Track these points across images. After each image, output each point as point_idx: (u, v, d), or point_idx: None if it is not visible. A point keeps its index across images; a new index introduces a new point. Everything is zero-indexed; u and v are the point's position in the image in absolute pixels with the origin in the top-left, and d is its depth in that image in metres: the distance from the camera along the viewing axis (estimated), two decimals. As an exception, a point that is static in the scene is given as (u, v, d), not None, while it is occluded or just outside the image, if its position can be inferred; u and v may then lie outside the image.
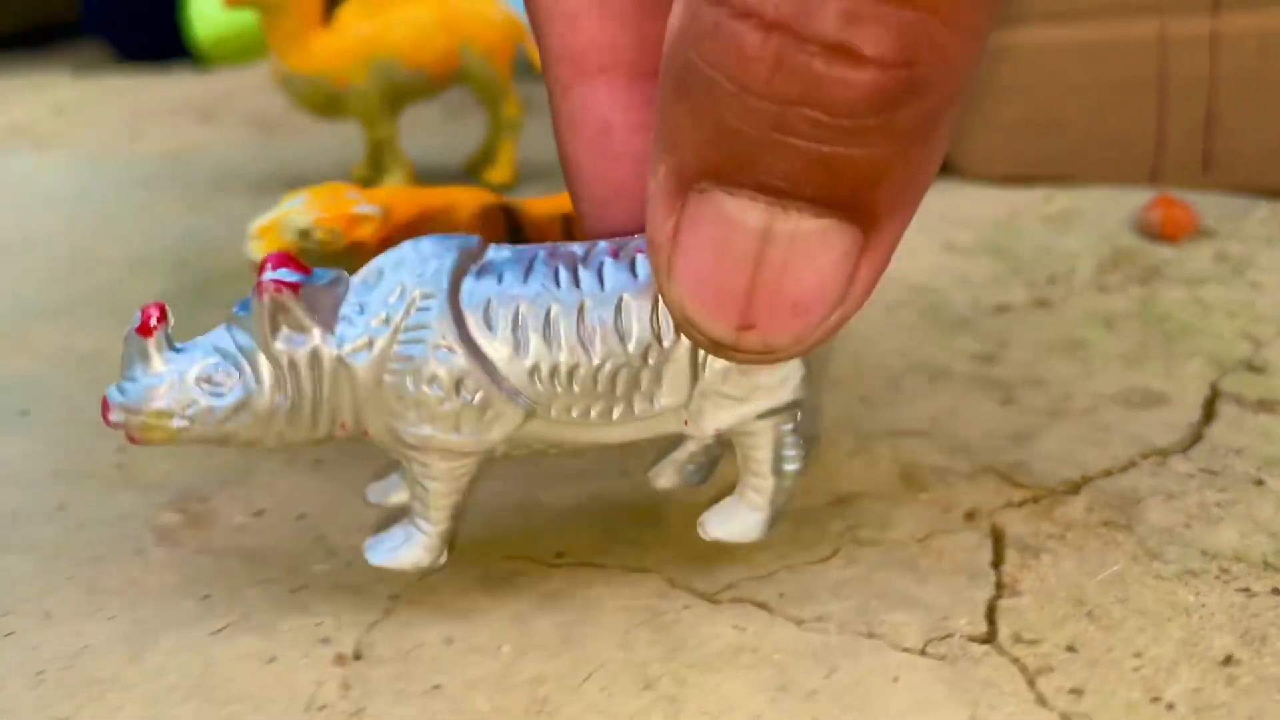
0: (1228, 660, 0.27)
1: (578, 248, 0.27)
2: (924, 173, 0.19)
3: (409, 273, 0.26)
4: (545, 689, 0.26)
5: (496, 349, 0.26)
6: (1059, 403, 0.40)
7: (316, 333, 0.26)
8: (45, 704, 0.26)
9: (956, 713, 0.25)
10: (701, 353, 0.27)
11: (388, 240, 0.35)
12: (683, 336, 0.26)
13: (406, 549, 0.28)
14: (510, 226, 0.38)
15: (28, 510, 0.34)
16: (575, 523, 0.33)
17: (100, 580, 0.30)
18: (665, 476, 0.32)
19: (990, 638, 0.28)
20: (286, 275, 0.25)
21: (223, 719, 0.25)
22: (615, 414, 0.27)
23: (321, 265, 0.35)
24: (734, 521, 0.29)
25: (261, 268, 0.26)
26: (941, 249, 0.57)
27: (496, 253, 0.27)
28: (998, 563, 0.31)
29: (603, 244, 0.27)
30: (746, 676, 0.27)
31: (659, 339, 0.27)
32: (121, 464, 0.36)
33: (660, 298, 0.25)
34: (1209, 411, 0.39)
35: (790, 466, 0.29)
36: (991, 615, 0.29)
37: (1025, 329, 0.47)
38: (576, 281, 0.27)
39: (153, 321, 0.25)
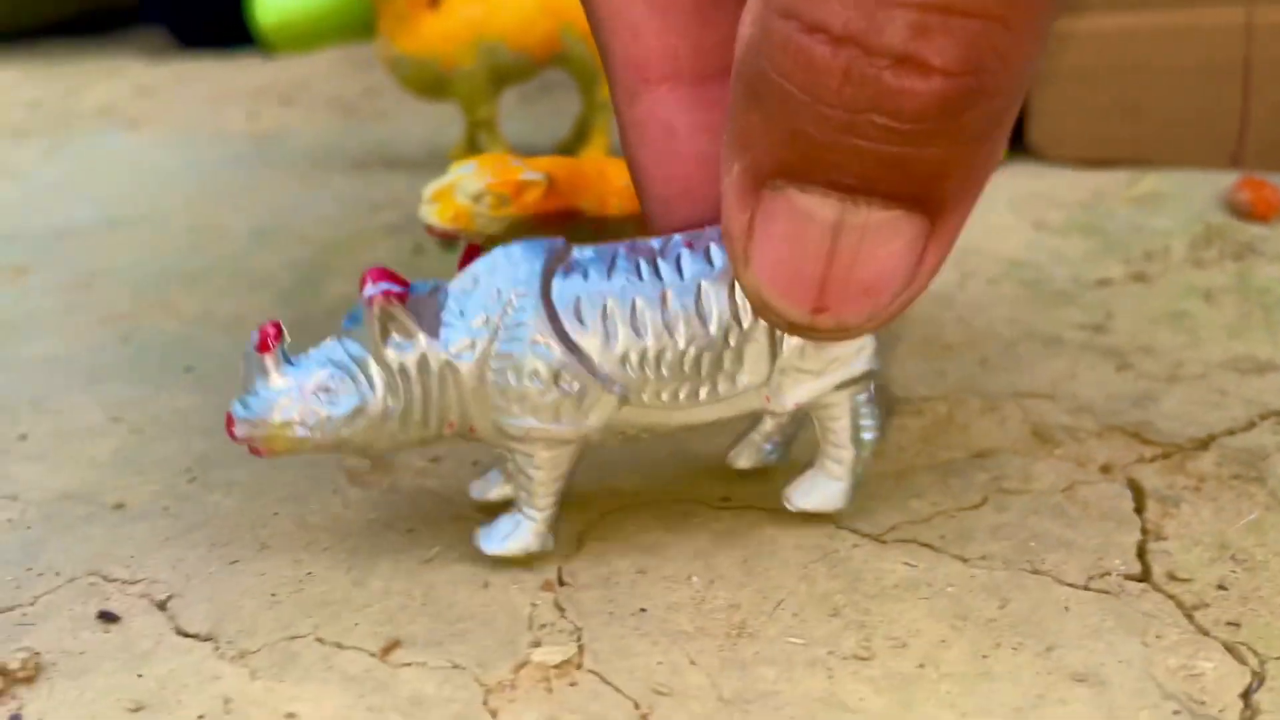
0: (1376, 595, 0.29)
1: (655, 242, 0.29)
2: (988, 165, 0.20)
3: (503, 277, 0.28)
4: (740, 615, 0.28)
5: (589, 341, 0.28)
6: (1172, 369, 0.42)
7: (423, 338, 0.28)
8: (286, 622, 0.28)
9: (1128, 639, 0.27)
10: (779, 331, 0.28)
11: (550, 204, 0.37)
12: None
13: (516, 536, 0.30)
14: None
15: (217, 455, 0.36)
16: (732, 470, 0.35)
17: (306, 516, 0.32)
18: (744, 457, 0.34)
19: (1145, 577, 0.30)
20: (391, 287, 0.27)
21: (454, 634, 0.27)
22: (702, 394, 0.29)
23: (490, 229, 0.37)
24: (817, 492, 0.31)
25: (363, 282, 0.27)
26: (1032, 227, 0.59)
27: (581, 253, 0.29)
28: (1140, 511, 0.33)
29: (677, 237, 0.29)
30: (926, 606, 0.28)
31: (738, 320, 0.28)
32: (294, 415, 0.39)
33: (737, 283, 0.27)
34: (1320, 377, 0.41)
35: (868, 436, 0.31)
36: (1142, 557, 0.31)
37: (1127, 301, 0.48)
38: (657, 273, 0.28)
39: (270, 339, 0.27)
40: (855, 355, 0.30)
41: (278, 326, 0.28)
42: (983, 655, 0.27)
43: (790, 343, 0.29)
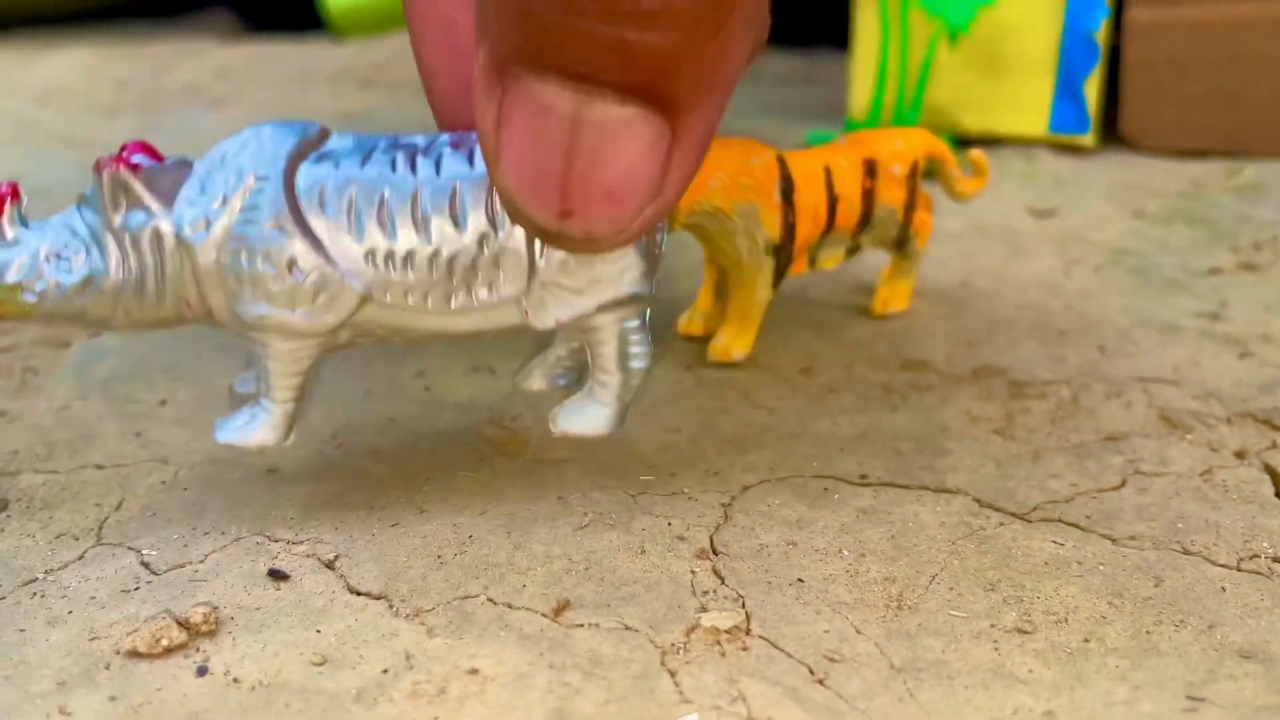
0: None
1: (420, 139, 0.28)
2: (720, 65, 0.19)
3: (249, 156, 0.27)
4: (896, 587, 0.28)
5: (330, 231, 0.27)
6: (1296, 357, 0.42)
7: (157, 210, 0.27)
8: (455, 583, 0.28)
9: (1288, 619, 0.27)
10: (540, 243, 0.27)
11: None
12: (519, 226, 0.26)
13: (251, 427, 0.29)
14: (783, 176, 0.40)
15: (358, 423, 0.37)
16: (865, 449, 0.35)
17: (456, 483, 0.33)
18: (534, 379, 0.32)
19: (1293, 560, 0.30)
20: (131, 157, 0.27)
21: (621, 598, 0.28)
22: (455, 302, 0.28)
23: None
24: (583, 416, 0.30)
25: (120, 151, 0.27)
26: (1131, 216, 0.58)
27: (338, 141, 0.28)
28: (1280, 495, 0.33)
29: (444, 136, 0.28)
30: (1080, 584, 0.29)
31: (495, 227, 0.27)
32: (428, 386, 0.39)
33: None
34: None
35: (636, 364, 0.30)
36: (1289, 540, 0.31)
37: (1241, 290, 0.48)
38: (414, 169, 0.27)
39: (5, 200, 0.27)
40: (620, 276, 0.29)
41: (14, 187, 0.27)
42: (1145, 631, 0.27)
43: (551, 257, 0.28)
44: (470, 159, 0.27)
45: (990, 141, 0.69)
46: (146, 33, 1.22)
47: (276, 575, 0.29)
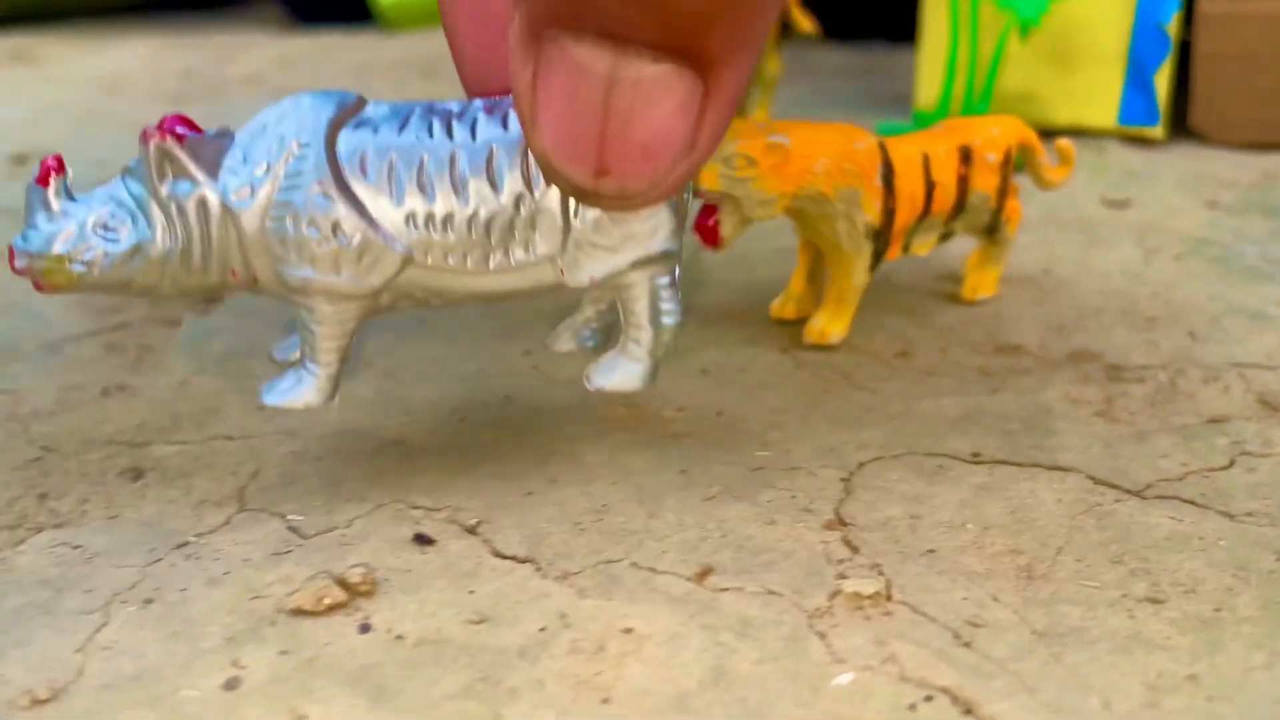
0: None
1: (454, 105, 0.29)
2: (753, 20, 0.19)
3: (290, 125, 0.28)
4: (1023, 559, 0.29)
5: (372, 196, 0.28)
6: (1389, 345, 0.42)
7: (202, 179, 0.28)
8: (597, 549, 0.29)
9: None
10: (573, 202, 0.28)
11: (789, 166, 0.38)
12: (554, 186, 0.26)
13: (297, 391, 0.30)
14: (884, 161, 0.41)
15: (478, 399, 0.38)
16: (973, 429, 0.36)
17: (582, 455, 0.34)
18: (563, 340, 0.34)
19: None
20: (176, 129, 0.27)
21: (761, 564, 0.29)
22: (492, 262, 0.29)
23: (734, 190, 0.38)
24: (616, 372, 0.31)
25: (159, 124, 0.28)
26: (1205, 207, 0.59)
27: (375, 108, 0.29)
28: (1389, 476, 0.33)
29: (478, 102, 0.29)
30: (1203, 558, 0.29)
31: (530, 188, 0.28)
32: (536, 365, 0.40)
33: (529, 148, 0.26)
34: None
35: (668, 319, 0.31)
36: (1403, 519, 0.31)
37: (1325, 280, 0.49)
38: (450, 134, 0.28)
39: (51, 173, 0.28)
40: (652, 233, 0.30)
41: (59, 160, 0.28)
42: (1275, 601, 0.27)
43: (585, 215, 0.29)
44: (504, 123, 0.28)
45: (1059, 133, 0.70)
46: (202, 24, 1.23)
47: (422, 540, 0.30)
